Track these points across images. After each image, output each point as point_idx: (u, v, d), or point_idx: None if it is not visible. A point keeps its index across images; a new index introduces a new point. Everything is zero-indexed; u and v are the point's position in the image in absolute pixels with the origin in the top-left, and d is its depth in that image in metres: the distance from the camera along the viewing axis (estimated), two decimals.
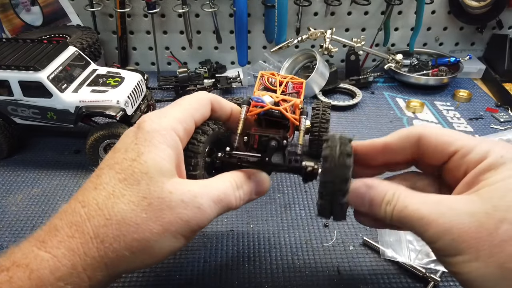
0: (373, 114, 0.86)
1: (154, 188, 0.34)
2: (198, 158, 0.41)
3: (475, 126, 0.82)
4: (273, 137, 0.41)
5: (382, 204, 0.37)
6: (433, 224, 0.33)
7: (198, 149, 0.41)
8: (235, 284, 0.48)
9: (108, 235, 0.33)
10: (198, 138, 0.42)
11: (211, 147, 0.44)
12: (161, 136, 0.36)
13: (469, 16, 0.98)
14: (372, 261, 0.52)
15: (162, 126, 0.37)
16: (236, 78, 0.93)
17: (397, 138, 0.41)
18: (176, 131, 0.38)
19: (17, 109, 0.66)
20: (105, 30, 0.99)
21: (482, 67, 1.01)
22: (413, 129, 0.41)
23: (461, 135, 0.39)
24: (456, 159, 0.38)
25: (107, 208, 0.33)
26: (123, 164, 0.35)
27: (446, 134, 0.39)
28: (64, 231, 0.33)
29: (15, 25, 0.95)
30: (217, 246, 0.54)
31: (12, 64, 0.62)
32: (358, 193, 0.39)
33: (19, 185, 0.65)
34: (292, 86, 0.56)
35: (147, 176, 0.34)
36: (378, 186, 0.38)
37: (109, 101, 0.64)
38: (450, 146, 0.38)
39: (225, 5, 0.95)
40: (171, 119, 0.38)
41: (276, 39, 0.95)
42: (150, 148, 0.36)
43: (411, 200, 0.35)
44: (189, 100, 0.41)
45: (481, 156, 0.36)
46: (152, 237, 0.33)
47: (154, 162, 0.35)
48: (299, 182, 0.65)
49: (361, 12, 0.99)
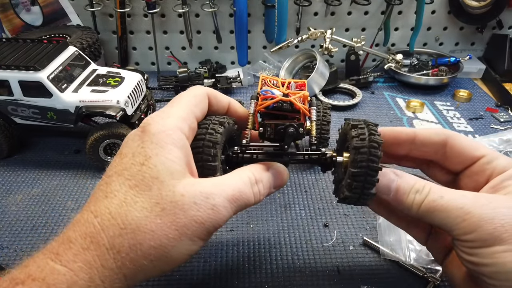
0: (373, 114, 0.86)
1: (166, 193, 0.33)
2: (217, 149, 0.39)
3: (475, 126, 0.82)
4: (291, 124, 0.40)
5: (410, 193, 0.37)
6: (473, 214, 0.33)
7: (217, 139, 0.39)
8: (235, 284, 0.48)
9: (124, 245, 0.32)
10: (217, 129, 0.40)
11: (224, 144, 0.42)
12: (168, 137, 0.36)
13: (469, 16, 0.98)
14: (372, 261, 0.52)
15: (167, 127, 0.36)
16: (236, 78, 0.93)
17: (427, 132, 0.42)
18: (182, 129, 0.37)
19: (17, 109, 0.66)
20: (105, 30, 0.99)
21: (482, 67, 1.01)
22: (441, 130, 0.42)
23: (485, 145, 0.41)
24: (482, 164, 0.40)
25: (120, 217, 0.33)
26: (132, 170, 0.34)
27: (473, 141, 0.42)
28: (79, 243, 0.32)
29: (15, 25, 0.95)
30: (217, 246, 0.54)
31: (12, 64, 0.62)
32: (387, 180, 0.38)
33: (19, 185, 0.65)
34: (295, 85, 0.56)
35: (158, 180, 0.34)
36: (406, 175, 0.38)
37: (109, 101, 0.64)
38: (477, 151, 0.40)
39: (225, 5, 0.95)
40: (175, 119, 0.37)
41: (276, 39, 0.95)
42: (157, 150, 0.35)
43: (447, 191, 0.36)
44: (187, 97, 0.40)
45: (507, 164, 0.38)
46: (169, 242, 0.33)
47: (163, 166, 0.34)
48: (299, 182, 0.65)
49: (361, 12, 0.99)
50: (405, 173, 0.39)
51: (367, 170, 0.36)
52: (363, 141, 0.37)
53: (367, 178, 0.36)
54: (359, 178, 0.37)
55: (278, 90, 0.45)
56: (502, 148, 0.70)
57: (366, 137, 0.37)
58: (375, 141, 0.37)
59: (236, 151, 0.41)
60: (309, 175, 0.67)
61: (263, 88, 0.45)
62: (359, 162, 0.36)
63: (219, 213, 0.35)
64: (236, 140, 0.45)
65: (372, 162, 0.36)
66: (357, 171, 0.36)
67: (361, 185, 0.37)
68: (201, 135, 0.39)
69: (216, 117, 0.42)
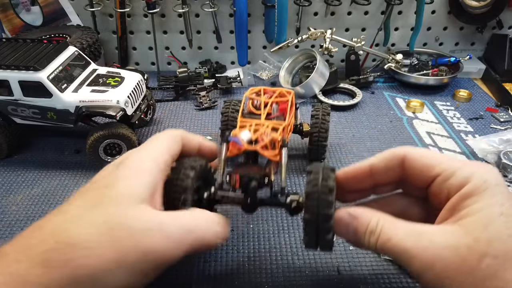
0: (373, 114, 0.86)
1: (119, 213, 0.32)
2: (188, 193, 0.40)
3: (475, 126, 0.82)
4: (254, 177, 0.42)
5: (366, 235, 0.36)
6: (416, 259, 0.32)
7: (188, 184, 0.40)
8: (235, 284, 0.48)
9: (55, 260, 0.30)
10: (187, 173, 0.41)
11: (198, 184, 0.43)
12: (142, 165, 0.37)
13: (469, 16, 0.98)
14: (372, 261, 0.51)
15: (143, 159, 0.38)
16: (236, 78, 0.93)
17: (382, 159, 0.40)
18: (157, 162, 0.38)
19: (17, 109, 0.66)
20: (105, 30, 0.99)
21: (482, 67, 1.01)
22: (398, 150, 0.40)
23: (444, 158, 0.38)
24: (438, 183, 0.37)
25: (60, 231, 0.31)
26: (95, 191, 0.35)
27: (429, 157, 0.38)
28: (12, 256, 0.31)
29: (15, 25, 0.95)
30: (217, 246, 0.54)
31: (12, 64, 0.62)
32: (342, 223, 0.38)
33: (19, 185, 0.65)
34: (277, 108, 0.56)
35: (115, 201, 0.33)
36: (361, 215, 0.37)
37: (109, 101, 0.64)
38: (433, 169, 0.37)
39: (225, 5, 0.95)
40: (151, 152, 0.39)
41: (276, 39, 0.95)
42: (127, 175, 0.35)
43: (394, 231, 0.34)
44: (163, 137, 0.42)
45: (462, 180, 0.35)
46: (103, 265, 0.30)
47: (126, 189, 0.34)
48: (299, 183, 0.65)
49: (361, 12, 0.99)
50: (359, 211, 0.38)
51: (318, 217, 0.37)
52: (314, 187, 0.37)
53: (319, 224, 0.37)
54: (312, 224, 0.37)
55: (249, 132, 0.47)
56: (502, 148, 0.70)
57: (318, 183, 0.37)
58: (326, 186, 0.37)
59: (207, 197, 0.43)
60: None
61: (231, 136, 0.46)
62: (310, 208, 0.37)
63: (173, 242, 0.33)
64: (211, 178, 0.46)
65: (322, 208, 0.36)
66: (309, 217, 0.37)
67: (315, 231, 0.37)
68: (174, 180, 0.40)
69: (188, 160, 0.43)
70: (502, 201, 0.33)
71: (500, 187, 0.34)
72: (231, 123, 0.63)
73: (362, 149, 0.73)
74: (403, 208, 0.42)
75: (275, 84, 0.97)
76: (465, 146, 0.76)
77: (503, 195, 0.33)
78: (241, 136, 0.46)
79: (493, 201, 0.33)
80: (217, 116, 0.82)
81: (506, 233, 0.31)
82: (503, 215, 0.32)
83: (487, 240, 0.31)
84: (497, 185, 0.34)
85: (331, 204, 0.37)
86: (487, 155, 0.71)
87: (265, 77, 0.99)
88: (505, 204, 0.32)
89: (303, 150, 0.72)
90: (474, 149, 0.74)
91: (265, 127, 0.50)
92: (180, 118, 0.83)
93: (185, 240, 0.34)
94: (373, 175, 0.41)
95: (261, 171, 0.43)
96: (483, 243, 0.31)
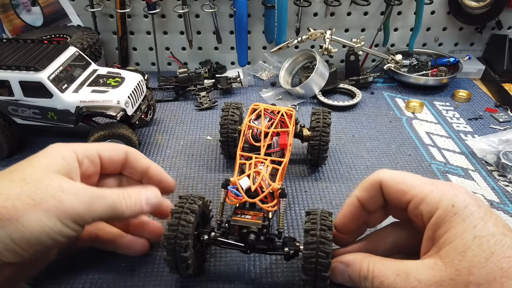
0: (372, 114, 0.86)
1: (35, 174, 0.37)
2: (189, 240, 0.41)
3: (475, 126, 0.82)
4: (252, 230, 0.44)
5: (360, 281, 0.39)
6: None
7: (189, 231, 0.41)
8: (235, 284, 0.48)
9: None
10: (188, 219, 0.42)
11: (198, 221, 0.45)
12: (61, 150, 0.41)
13: (468, 16, 0.98)
14: None
15: (64, 147, 0.42)
16: (236, 79, 0.94)
17: (364, 189, 0.41)
18: (76, 152, 0.42)
19: (18, 109, 0.66)
20: (106, 31, 0.99)
21: (482, 67, 1.01)
22: (374, 176, 0.41)
23: (416, 182, 0.38)
24: (412, 209, 0.38)
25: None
26: (15, 166, 0.39)
27: (401, 181, 0.39)
28: None
29: (15, 25, 0.95)
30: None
31: (13, 64, 0.62)
32: (338, 272, 0.41)
33: None
34: (277, 142, 0.59)
35: (32, 167, 0.38)
36: (352, 262, 0.40)
37: (110, 101, 0.64)
38: (405, 194, 0.38)
39: (225, 5, 0.95)
40: (75, 145, 0.43)
41: (276, 40, 0.95)
42: (45, 155, 0.40)
43: (385, 273, 0.36)
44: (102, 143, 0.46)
45: (432, 206, 0.36)
46: (22, 207, 0.35)
47: (43, 162, 0.39)
48: (299, 183, 0.65)
49: (360, 13, 0.99)
50: (351, 258, 0.41)
51: (317, 252, 0.39)
52: (314, 224, 0.40)
53: (318, 260, 0.39)
54: (311, 261, 0.39)
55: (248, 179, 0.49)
56: (501, 148, 0.71)
57: (318, 221, 0.40)
58: (325, 224, 0.40)
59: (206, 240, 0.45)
60: (309, 175, 0.67)
61: (231, 185, 0.48)
62: (310, 244, 0.39)
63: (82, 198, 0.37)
64: (208, 214, 0.48)
65: (322, 244, 0.39)
66: (308, 253, 0.39)
67: (313, 268, 0.39)
68: (174, 226, 0.42)
69: (188, 202, 0.44)
70: (474, 223, 0.33)
71: (468, 208, 0.34)
72: (231, 136, 0.65)
73: (362, 149, 0.73)
74: (395, 240, 0.44)
75: (275, 84, 0.97)
76: (464, 146, 0.76)
77: (473, 216, 0.34)
78: (240, 184, 0.48)
79: (465, 225, 0.33)
80: (217, 116, 0.83)
81: (483, 257, 0.31)
82: (476, 238, 0.32)
83: (467, 269, 0.32)
84: (466, 207, 0.34)
85: (330, 240, 0.40)
86: (486, 155, 0.71)
87: (265, 78, 0.99)
88: (477, 226, 0.33)
89: (303, 155, 0.72)
90: (474, 149, 0.74)
91: (264, 168, 0.51)
92: (180, 118, 0.83)
93: (97, 204, 0.38)
94: (364, 206, 0.42)
95: (260, 219, 0.45)
96: (464, 273, 0.32)
